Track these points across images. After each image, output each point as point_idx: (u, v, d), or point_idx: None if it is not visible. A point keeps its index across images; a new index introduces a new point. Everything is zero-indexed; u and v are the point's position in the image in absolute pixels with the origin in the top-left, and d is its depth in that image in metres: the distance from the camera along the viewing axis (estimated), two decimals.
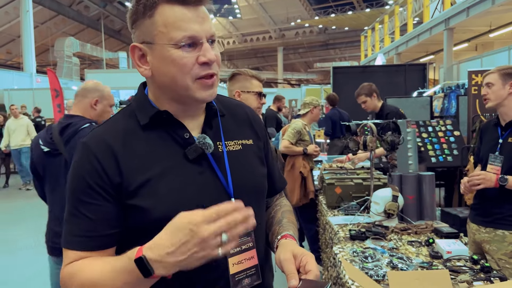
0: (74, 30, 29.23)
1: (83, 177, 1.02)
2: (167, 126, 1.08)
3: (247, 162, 1.17)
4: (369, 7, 30.75)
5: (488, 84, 2.57)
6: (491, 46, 12.28)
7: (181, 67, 1.00)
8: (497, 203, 2.53)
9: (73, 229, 1.03)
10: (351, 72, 9.50)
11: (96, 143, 1.04)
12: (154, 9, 1.00)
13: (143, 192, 1.01)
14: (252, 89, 2.51)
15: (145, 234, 0.96)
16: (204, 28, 1.01)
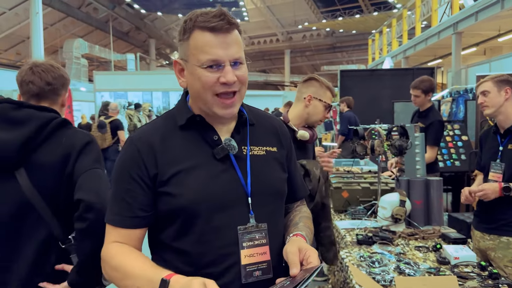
0: (83, 32, 29.41)
1: (128, 169, 1.21)
2: (200, 128, 1.26)
3: (269, 166, 1.32)
4: (377, 11, 30.66)
5: (484, 92, 2.59)
6: (500, 50, 12.20)
7: (204, 84, 1.18)
8: (500, 210, 2.52)
9: (114, 209, 1.23)
10: (358, 76, 9.49)
11: (141, 140, 1.23)
12: (190, 33, 1.19)
13: (173, 182, 1.19)
14: (325, 99, 2.47)
15: (171, 220, 1.20)
16: (228, 53, 1.17)
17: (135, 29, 33.49)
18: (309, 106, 2.46)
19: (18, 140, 1.61)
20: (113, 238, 1.23)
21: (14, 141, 1.60)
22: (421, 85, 4.16)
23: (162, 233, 1.23)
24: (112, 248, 1.21)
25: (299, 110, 2.48)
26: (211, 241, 1.18)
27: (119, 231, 1.22)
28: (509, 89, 2.55)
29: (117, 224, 1.22)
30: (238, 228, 1.20)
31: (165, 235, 1.23)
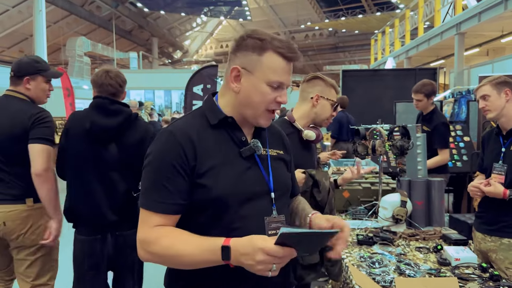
0: (86, 30, 29.43)
1: (169, 159, 1.32)
2: (230, 129, 1.42)
3: (280, 166, 1.51)
4: (379, 11, 30.61)
5: (484, 97, 2.58)
6: (503, 51, 12.16)
7: (264, 99, 1.36)
8: (502, 212, 2.50)
9: (154, 196, 1.33)
10: (360, 76, 9.48)
11: (181, 132, 1.36)
12: (263, 52, 1.35)
13: (208, 175, 1.33)
14: (331, 98, 2.47)
15: (203, 210, 1.34)
16: (289, 79, 1.38)
17: (138, 28, 33.50)
18: (316, 105, 2.45)
19: (114, 125, 2.53)
20: (154, 223, 1.32)
21: (112, 125, 2.52)
22: (423, 89, 4.16)
23: (193, 221, 1.36)
24: (157, 231, 1.31)
25: (306, 110, 2.47)
26: (239, 229, 1.31)
27: (159, 217, 1.32)
28: (509, 91, 2.53)
29: (158, 210, 1.32)
30: (265, 218, 1.37)
31: (197, 223, 1.35)
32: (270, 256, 1.13)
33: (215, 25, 42.06)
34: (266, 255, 1.13)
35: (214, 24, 41.75)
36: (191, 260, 1.25)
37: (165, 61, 41.21)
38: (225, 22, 40.49)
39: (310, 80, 2.49)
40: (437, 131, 4.07)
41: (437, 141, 4.07)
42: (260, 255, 1.13)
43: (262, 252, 1.13)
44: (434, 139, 4.07)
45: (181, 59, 43.24)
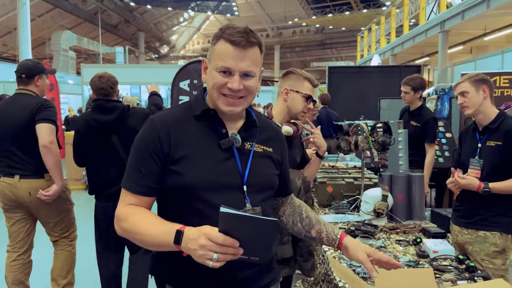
0: (71, 23, 29.08)
1: (146, 144, 1.41)
2: (211, 121, 1.46)
3: (263, 161, 1.52)
4: (366, 8, 30.80)
5: (463, 93, 2.61)
6: (486, 49, 12.35)
7: (214, 84, 1.39)
8: (478, 205, 2.57)
9: (131, 177, 1.43)
10: (346, 72, 9.55)
11: (160, 121, 1.43)
12: (217, 40, 1.40)
13: (182, 162, 1.38)
14: (302, 90, 2.42)
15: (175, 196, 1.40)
16: (240, 65, 1.37)
17: (124, 22, 33.21)
18: (287, 99, 2.43)
19: (112, 118, 3.16)
20: (128, 201, 1.42)
21: (110, 119, 3.17)
22: (411, 82, 4.22)
23: (167, 207, 1.45)
24: (129, 208, 1.40)
25: (280, 105, 2.47)
26: (209, 218, 1.30)
27: (133, 196, 1.41)
28: (487, 88, 2.59)
29: (131, 190, 1.42)
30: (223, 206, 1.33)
31: (170, 208, 1.43)
32: (211, 242, 1.15)
33: (203, 20, 41.89)
34: (208, 240, 1.15)
35: (202, 19, 41.58)
36: (149, 239, 1.31)
37: (151, 56, 40.94)
38: (212, 17, 40.33)
39: (284, 76, 2.50)
40: (428, 126, 4.13)
41: (428, 136, 4.13)
42: (202, 239, 1.16)
43: (204, 236, 1.16)
44: (424, 134, 4.14)
45: (168, 54, 43.00)
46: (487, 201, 2.51)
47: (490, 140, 2.56)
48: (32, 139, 3.08)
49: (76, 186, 8.85)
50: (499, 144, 2.51)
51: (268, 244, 1.21)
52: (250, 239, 1.16)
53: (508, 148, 2.47)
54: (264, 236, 1.18)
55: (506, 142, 2.48)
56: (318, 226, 1.64)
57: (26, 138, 3.12)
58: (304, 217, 1.68)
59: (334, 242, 1.58)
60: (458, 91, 2.65)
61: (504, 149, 2.49)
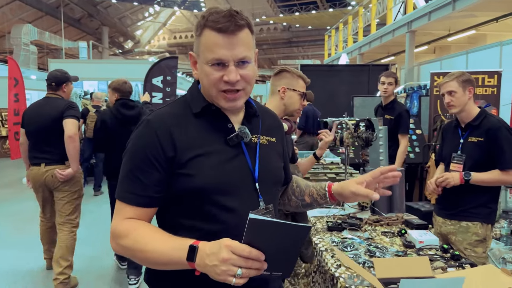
0: (32, 17, 28.08)
1: (144, 149, 1.26)
2: (214, 117, 1.34)
3: (271, 155, 1.43)
4: (332, 7, 31.28)
5: (451, 92, 2.73)
6: (448, 49, 12.81)
7: (210, 81, 1.27)
8: (460, 197, 2.72)
9: (128, 187, 1.28)
10: (318, 71, 9.70)
11: (158, 122, 1.29)
12: (201, 31, 1.26)
13: (191, 164, 1.26)
14: (298, 89, 2.50)
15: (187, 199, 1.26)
16: (233, 53, 1.23)
17: (87, 16, 32.36)
18: (284, 97, 2.50)
19: (133, 114, 4.10)
20: (126, 215, 1.27)
21: (132, 114, 4.10)
22: (393, 74, 4.49)
23: (175, 210, 1.29)
24: (129, 223, 1.25)
25: (276, 103, 2.53)
26: (225, 222, 1.24)
27: (132, 209, 1.27)
28: (472, 89, 2.73)
29: (130, 202, 1.27)
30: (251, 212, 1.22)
31: (181, 213, 1.28)
32: (235, 256, 1.03)
33: (168, 16, 41.36)
34: (232, 253, 1.03)
35: (167, 15, 41.05)
36: (156, 257, 1.17)
37: (115, 51, 40.08)
38: (178, 13, 39.90)
39: (277, 74, 2.55)
40: (401, 118, 4.35)
41: (401, 127, 4.35)
42: (224, 252, 1.04)
43: (227, 249, 1.04)
44: (398, 125, 4.35)
45: (133, 50, 42.22)
46: (468, 193, 2.65)
47: (472, 136, 2.70)
48: (57, 134, 3.80)
49: None
50: (480, 140, 2.65)
51: (294, 256, 1.10)
52: (276, 251, 1.06)
53: (489, 144, 2.62)
54: (292, 247, 1.07)
55: (488, 139, 2.63)
56: (308, 189, 1.59)
57: (52, 133, 3.85)
58: (295, 187, 1.62)
59: (325, 196, 1.53)
60: (445, 89, 2.76)
61: (486, 145, 2.63)
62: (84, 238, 5.03)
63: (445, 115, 5.79)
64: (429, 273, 1.73)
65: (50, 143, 3.90)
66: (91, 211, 6.66)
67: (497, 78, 5.42)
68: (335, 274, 1.98)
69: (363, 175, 1.44)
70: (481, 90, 5.44)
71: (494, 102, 5.36)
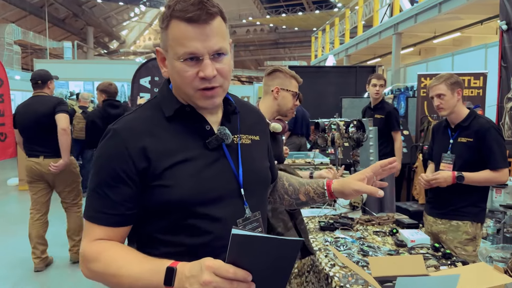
0: (16, 16, 27.71)
1: (111, 162, 1.12)
2: (189, 119, 1.19)
3: (255, 155, 1.29)
4: (318, 9, 31.48)
5: (440, 95, 2.76)
6: (434, 51, 12.98)
7: (183, 79, 1.12)
8: (450, 197, 2.76)
9: (96, 205, 1.14)
10: (305, 72, 9.73)
11: (126, 131, 1.14)
12: (168, 23, 1.12)
13: (167, 175, 1.12)
14: (291, 89, 2.49)
15: (166, 213, 1.13)
16: (207, 45, 1.09)
17: (72, 16, 32.04)
18: (278, 98, 2.50)
19: (118, 112, 4.56)
20: (95, 236, 1.13)
21: (118, 113, 4.59)
22: (382, 76, 4.70)
23: (153, 226, 1.16)
24: (98, 245, 1.12)
25: (269, 103, 2.52)
26: (209, 233, 1.13)
27: (101, 229, 1.13)
28: (460, 90, 2.77)
29: (100, 222, 1.13)
30: (237, 222, 1.17)
31: (159, 228, 1.15)
32: (218, 278, 0.92)
33: (154, 16, 41.09)
34: (214, 275, 0.92)
35: (153, 15, 40.78)
36: (131, 282, 1.04)
37: (100, 51, 39.74)
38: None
39: (270, 74, 2.54)
40: (390, 115, 4.52)
41: (393, 124, 4.50)
42: (206, 275, 0.92)
43: (209, 270, 0.92)
44: (389, 123, 4.48)
45: (118, 50, 41.89)
46: (458, 193, 2.70)
47: (462, 136, 2.75)
48: (50, 128, 4.13)
49: None
50: (470, 140, 2.70)
51: (285, 274, 0.98)
52: (265, 269, 0.94)
53: (478, 144, 2.67)
54: (283, 263, 0.95)
55: (477, 139, 2.67)
56: (303, 188, 1.48)
57: (46, 127, 4.16)
58: (287, 186, 1.51)
59: (323, 195, 1.43)
60: (434, 92, 2.79)
61: (475, 146, 2.68)
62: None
63: (432, 116, 5.86)
64: (424, 271, 1.75)
65: (45, 137, 4.22)
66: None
67: (482, 79, 5.52)
68: (329, 273, 1.99)
69: (363, 171, 1.38)
70: (467, 91, 5.52)
71: (480, 103, 5.45)
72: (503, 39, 4.35)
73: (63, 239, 4.72)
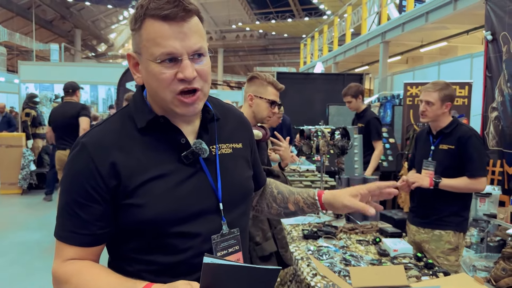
0: (2, 17, 27.37)
1: (79, 179, 1.06)
2: (163, 131, 1.11)
3: (236, 165, 1.22)
4: (308, 16, 31.67)
5: (429, 103, 2.75)
6: (421, 60, 13.10)
7: (161, 82, 1.03)
8: (433, 206, 2.76)
9: (66, 224, 1.08)
10: (293, 78, 9.74)
11: (94, 145, 1.07)
12: (142, 23, 1.03)
13: (139, 192, 1.05)
14: (266, 96, 2.41)
15: (138, 232, 1.07)
16: (186, 44, 1.02)
17: (60, 18, 31.76)
18: (252, 105, 2.45)
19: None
20: (67, 256, 1.08)
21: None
22: (349, 91, 4.64)
23: (128, 245, 1.10)
24: (69, 265, 1.07)
25: (246, 110, 2.48)
26: (184, 252, 1.08)
27: (73, 249, 1.08)
28: (449, 105, 2.76)
29: (71, 242, 1.07)
30: (212, 238, 1.11)
31: (133, 247, 1.10)
32: None
33: None
34: None
35: None
36: None
37: (88, 54, 39.45)
38: None
39: (249, 80, 2.51)
40: (369, 124, 4.50)
41: (372, 134, 4.47)
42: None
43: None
44: (369, 132, 4.47)
45: (106, 53, 41.63)
46: (441, 202, 2.70)
47: (443, 143, 2.75)
48: (75, 127, 5.27)
49: (11, 190, 8.31)
50: (451, 148, 2.70)
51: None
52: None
53: (460, 151, 2.67)
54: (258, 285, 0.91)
55: (458, 146, 2.68)
56: (292, 197, 1.40)
57: (72, 126, 5.32)
58: (276, 194, 1.43)
59: (315, 206, 1.35)
60: (424, 97, 2.77)
61: (457, 153, 2.68)
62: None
63: (418, 124, 5.90)
64: (405, 282, 1.73)
65: (71, 134, 5.32)
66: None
67: (468, 89, 5.57)
68: (310, 283, 1.97)
69: (358, 187, 1.31)
70: None
71: (465, 112, 5.50)
72: (488, 49, 4.39)
73: None
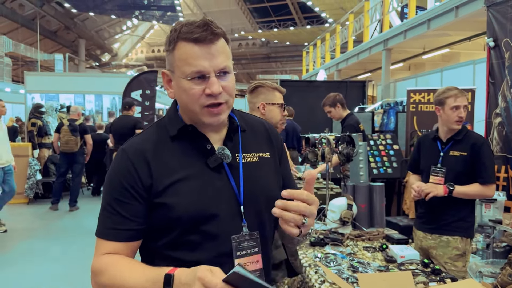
0: (7, 28, 27.61)
1: (120, 180, 1.20)
2: (192, 138, 1.26)
3: (262, 173, 1.31)
4: (309, 24, 31.81)
5: (465, 107, 2.74)
6: (423, 67, 13.14)
7: (191, 96, 1.18)
8: (441, 212, 2.77)
9: (107, 223, 1.21)
10: (296, 86, 9.80)
11: (133, 151, 1.23)
12: (174, 45, 1.19)
13: (169, 192, 1.18)
14: (276, 101, 2.51)
15: (166, 230, 1.19)
16: (213, 63, 1.17)
17: (64, 29, 32.03)
18: (265, 113, 2.50)
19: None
20: (104, 250, 1.20)
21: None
22: (327, 101, 4.76)
23: (156, 242, 1.22)
24: (105, 259, 1.18)
25: None
26: (206, 250, 1.18)
27: (111, 244, 1.20)
28: None
29: (110, 238, 1.20)
30: (232, 238, 1.20)
31: (160, 244, 1.21)
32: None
33: (147, 29, 41.28)
34: (203, 287, 0.97)
35: (146, 28, 40.97)
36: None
37: (92, 64, 39.69)
38: (157, 26, 39.86)
39: (253, 91, 2.55)
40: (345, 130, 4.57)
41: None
42: (197, 286, 0.97)
43: (200, 282, 0.97)
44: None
45: (110, 63, 41.88)
46: (449, 207, 2.70)
47: (454, 150, 2.76)
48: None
49: (17, 200, 8.33)
50: (464, 154, 2.71)
51: None
52: None
53: (473, 158, 2.69)
54: None
55: (472, 153, 2.69)
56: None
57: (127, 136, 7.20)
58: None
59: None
60: (463, 103, 2.74)
61: (469, 159, 2.69)
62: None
63: (421, 130, 5.91)
64: None
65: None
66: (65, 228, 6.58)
67: (471, 95, 5.58)
68: None
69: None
70: None
71: (469, 119, 5.51)
72: (490, 56, 4.41)
73: None
